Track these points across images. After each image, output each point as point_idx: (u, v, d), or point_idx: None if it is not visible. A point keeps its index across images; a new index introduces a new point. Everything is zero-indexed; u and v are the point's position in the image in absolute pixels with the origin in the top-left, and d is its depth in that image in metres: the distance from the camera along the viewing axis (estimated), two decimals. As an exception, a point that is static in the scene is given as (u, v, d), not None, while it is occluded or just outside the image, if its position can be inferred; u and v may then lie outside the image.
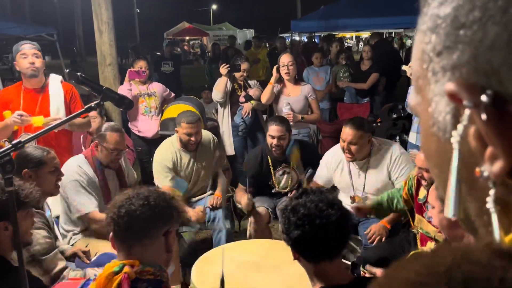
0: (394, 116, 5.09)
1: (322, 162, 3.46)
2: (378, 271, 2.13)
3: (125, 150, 3.13)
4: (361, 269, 2.59)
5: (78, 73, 1.59)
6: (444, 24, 0.40)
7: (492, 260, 0.30)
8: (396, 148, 3.20)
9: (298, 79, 4.32)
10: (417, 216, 2.73)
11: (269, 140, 3.48)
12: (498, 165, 0.38)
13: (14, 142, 1.38)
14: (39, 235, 2.24)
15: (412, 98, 0.46)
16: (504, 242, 0.40)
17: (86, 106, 1.61)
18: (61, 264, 2.30)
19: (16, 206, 1.67)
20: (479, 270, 0.30)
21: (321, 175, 3.45)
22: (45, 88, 3.34)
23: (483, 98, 0.37)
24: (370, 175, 3.19)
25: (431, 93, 0.42)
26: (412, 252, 1.68)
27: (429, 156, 0.46)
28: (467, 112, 0.38)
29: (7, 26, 7.41)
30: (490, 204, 0.40)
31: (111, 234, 1.51)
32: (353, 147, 3.08)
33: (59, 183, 2.62)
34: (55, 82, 3.38)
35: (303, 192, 1.60)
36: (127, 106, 1.73)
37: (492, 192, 0.39)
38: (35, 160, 2.43)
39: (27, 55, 3.18)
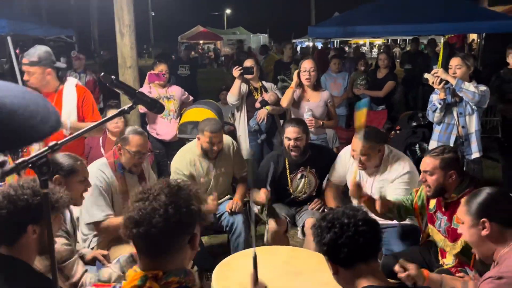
0: (414, 124, 5.05)
1: (338, 158, 3.47)
2: (411, 266, 2.12)
3: (147, 153, 3.12)
4: None
5: (113, 77, 1.60)
6: None
7: None
8: (407, 165, 3.14)
9: (317, 85, 4.30)
10: (429, 225, 2.75)
11: (286, 143, 3.46)
12: None
13: (50, 144, 1.38)
14: (57, 243, 2.25)
15: None
16: None
17: (119, 110, 1.61)
18: (80, 270, 2.31)
19: (46, 210, 1.68)
20: None
21: (336, 172, 3.45)
22: (59, 92, 3.36)
23: None
24: (376, 183, 3.18)
25: None
26: (437, 270, 1.64)
27: None
28: None
29: (29, 27, 7.51)
30: None
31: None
32: (363, 158, 3.08)
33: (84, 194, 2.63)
34: (69, 86, 3.39)
35: (330, 209, 1.75)
36: (159, 109, 1.73)
37: None
38: (68, 167, 2.44)
39: (25, 71, 3.25)
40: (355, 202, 3.21)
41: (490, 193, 1.91)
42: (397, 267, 2.13)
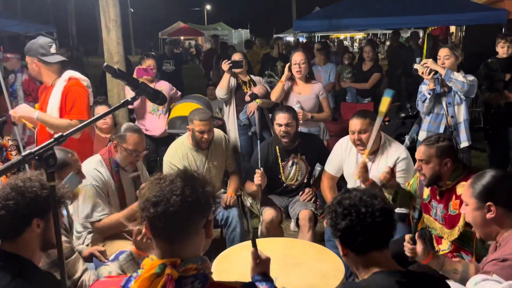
0: (403, 115, 5.10)
1: (334, 149, 3.46)
2: (420, 242, 2.18)
3: (144, 151, 3.07)
4: None
5: (116, 67, 1.57)
6: None
7: None
8: (403, 152, 3.18)
9: (309, 77, 4.30)
10: (424, 215, 2.77)
11: (277, 129, 3.48)
12: None
13: (56, 136, 1.35)
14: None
15: None
16: None
17: (122, 101, 1.58)
18: (81, 268, 2.26)
19: (53, 203, 1.64)
20: None
21: (333, 163, 3.45)
22: (53, 86, 3.31)
23: None
24: (373, 170, 3.19)
25: None
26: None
27: None
28: None
29: (7, 23, 7.33)
30: None
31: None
32: (363, 136, 3.08)
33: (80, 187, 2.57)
34: (61, 80, 3.32)
35: (346, 190, 1.64)
36: (162, 100, 1.71)
37: None
38: (60, 161, 2.37)
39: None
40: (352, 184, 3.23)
41: (495, 176, 1.92)
42: (407, 237, 2.22)
